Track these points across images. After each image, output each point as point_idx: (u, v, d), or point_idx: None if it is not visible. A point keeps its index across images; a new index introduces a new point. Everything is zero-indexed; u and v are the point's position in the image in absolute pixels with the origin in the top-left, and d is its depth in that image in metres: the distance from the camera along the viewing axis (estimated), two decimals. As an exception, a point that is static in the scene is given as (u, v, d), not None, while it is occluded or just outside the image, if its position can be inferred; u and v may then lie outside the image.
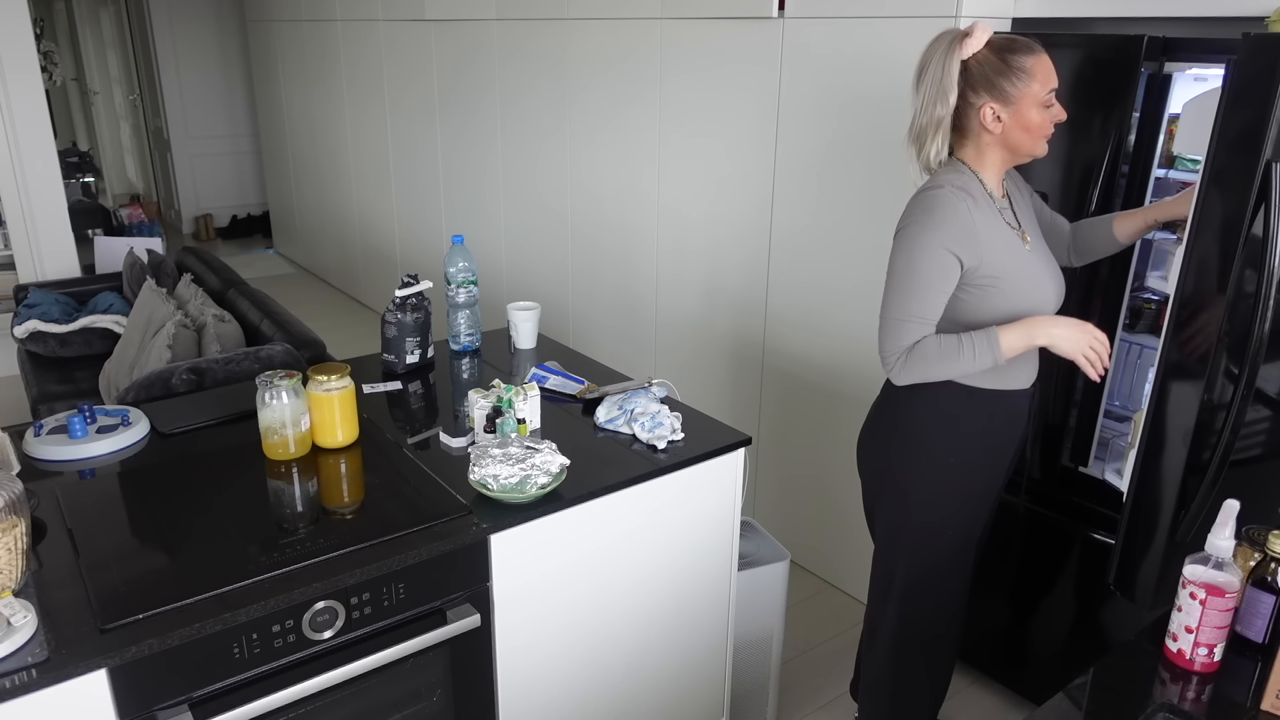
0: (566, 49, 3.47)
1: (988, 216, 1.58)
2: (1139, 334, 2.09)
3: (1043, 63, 1.53)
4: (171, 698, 1.29)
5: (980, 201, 1.58)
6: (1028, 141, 1.57)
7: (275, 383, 1.70)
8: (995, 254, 1.58)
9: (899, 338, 1.59)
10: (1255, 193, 1.66)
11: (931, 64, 1.55)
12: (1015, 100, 1.53)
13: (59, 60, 8.03)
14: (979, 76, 1.54)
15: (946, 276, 1.56)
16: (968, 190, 1.58)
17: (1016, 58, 1.52)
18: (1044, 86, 1.53)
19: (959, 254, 1.55)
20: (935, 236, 1.54)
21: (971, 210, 1.55)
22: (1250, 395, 1.76)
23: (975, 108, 1.55)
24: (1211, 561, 1.21)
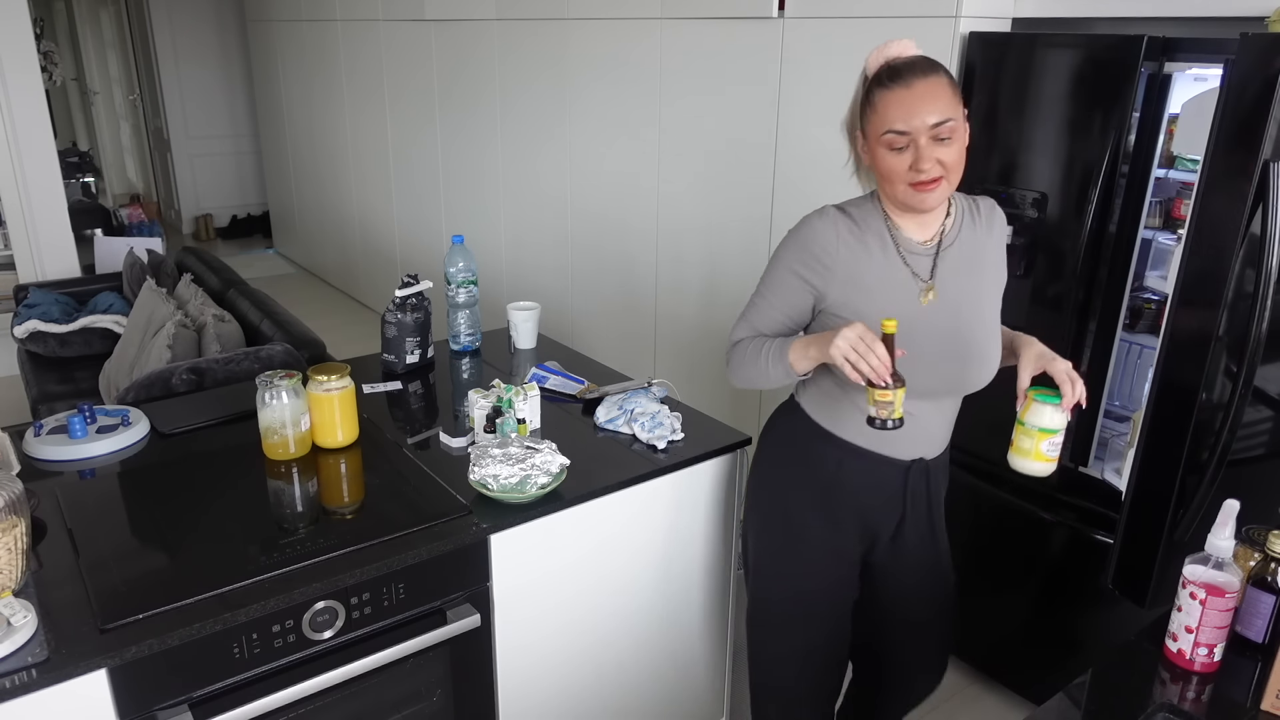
0: (566, 49, 3.47)
1: (869, 253, 1.42)
2: (1139, 334, 2.09)
3: (895, 97, 1.31)
4: (171, 698, 1.29)
5: (868, 235, 1.42)
6: (886, 186, 1.38)
7: (275, 383, 1.70)
8: (857, 295, 1.41)
9: (733, 333, 1.53)
10: (1253, 192, 1.66)
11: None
12: (868, 135, 1.36)
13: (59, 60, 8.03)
14: (854, 108, 1.40)
15: (788, 298, 1.46)
16: (856, 220, 1.43)
17: (875, 89, 1.34)
18: (883, 123, 1.32)
19: (808, 279, 1.43)
20: (788, 255, 1.45)
21: (841, 239, 1.41)
22: (1248, 394, 1.76)
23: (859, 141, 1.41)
24: (1211, 561, 1.21)
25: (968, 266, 1.47)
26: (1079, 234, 1.99)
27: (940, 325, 1.43)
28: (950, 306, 1.44)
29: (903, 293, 1.43)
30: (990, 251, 1.51)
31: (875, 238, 1.42)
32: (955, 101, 1.33)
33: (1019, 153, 2.09)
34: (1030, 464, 1.41)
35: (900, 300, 1.42)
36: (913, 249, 1.43)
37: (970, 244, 1.48)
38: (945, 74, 1.33)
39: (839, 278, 1.41)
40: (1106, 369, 2.10)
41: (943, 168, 1.33)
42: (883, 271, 1.42)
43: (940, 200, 1.37)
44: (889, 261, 1.42)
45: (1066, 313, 2.05)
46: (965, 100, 2.24)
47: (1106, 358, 2.10)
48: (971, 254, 1.47)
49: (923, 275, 1.44)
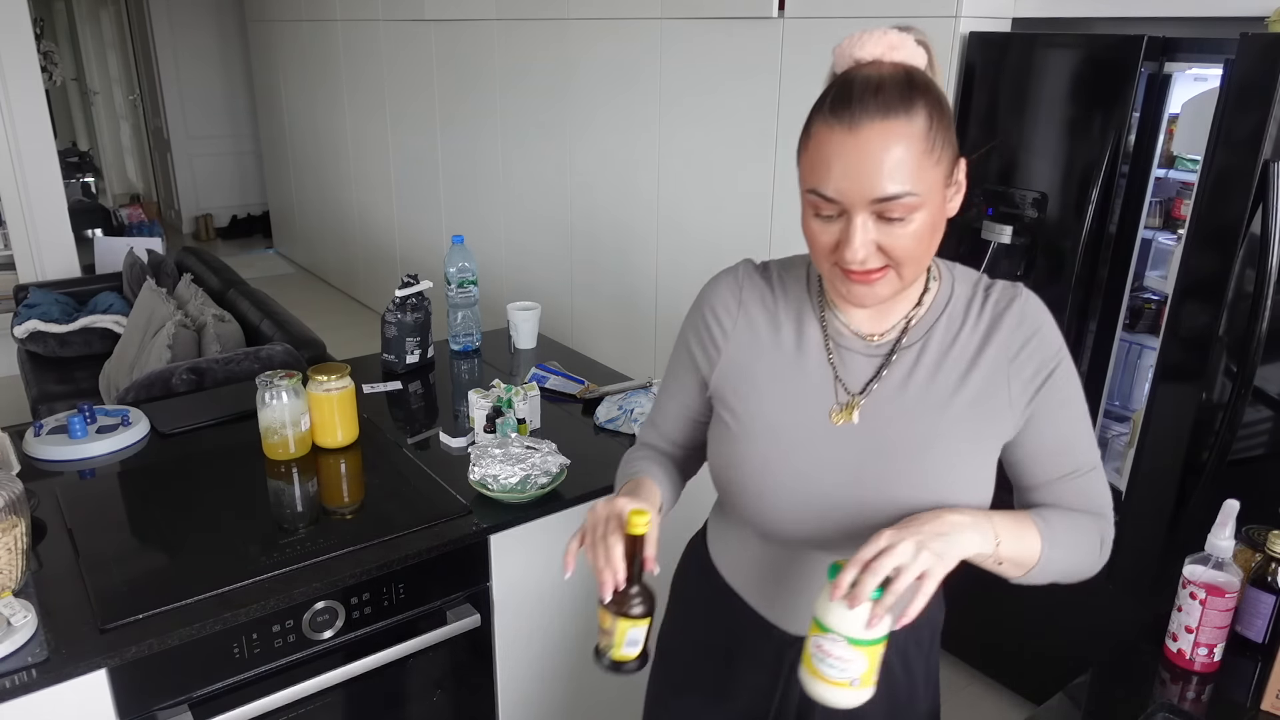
0: (566, 49, 3.47)
1: (776, 335, 1.02)
2: (1139, 333, 2.09)
3: (833, 141, 0.85)
4: (171, 697, 1.29)
5: (784, 309, 1.02)
6: (812, 256, 0.93)
7: (275, 383, 1.70)
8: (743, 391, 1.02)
9: (641, 431, 1.21)
10: (1254, 192, 1.66)
11: None
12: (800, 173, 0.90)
13: (59, 60, 8.03)
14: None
15: (681, 378, 1.11)
16: (775, 285, 1.04)
17: (815, 114, 0.88)
18: (808, 174, 0.88)
19: (695, 354, 1.07)
20: (688, 320, 1.09)
21: (743, 306, 1.03)
22: (1248, 394, 1.76)
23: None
24: (1211, 561, 1.21)
25: (931, 386, 0.96)
26: (1079, 234, 2.00)
27: (847, 461, 0.97)
28: (875, 440, 0.97)
29: (808, 401, 0.99)
30: (986, 372, 0.96)
31: (792, 316, 1.02)
32: (927, 159, 0.86)
33: (1019, 153, 2.10)
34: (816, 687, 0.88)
35: (801, 410, 0.99)
36: (849, 343, 0.99)
37: (953, 353, 0.97)
38: (924, 111, 0.86)
39: (726, 359, 1.04)
40: (1106, 369, 2.10)
41: (886, 257, 0.88)
42: (788, 365, 1.01)
43: (881, 298, 0.91)
44: (804, 354, 1.00)
45: (1066, 313, 2.05)
46: (963, 114, 2.26)
47: (1106, 357, 2.10)
48: (950, 368, 0.97)
49: (850, 384, 0.99)
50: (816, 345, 1.01)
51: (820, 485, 0.99)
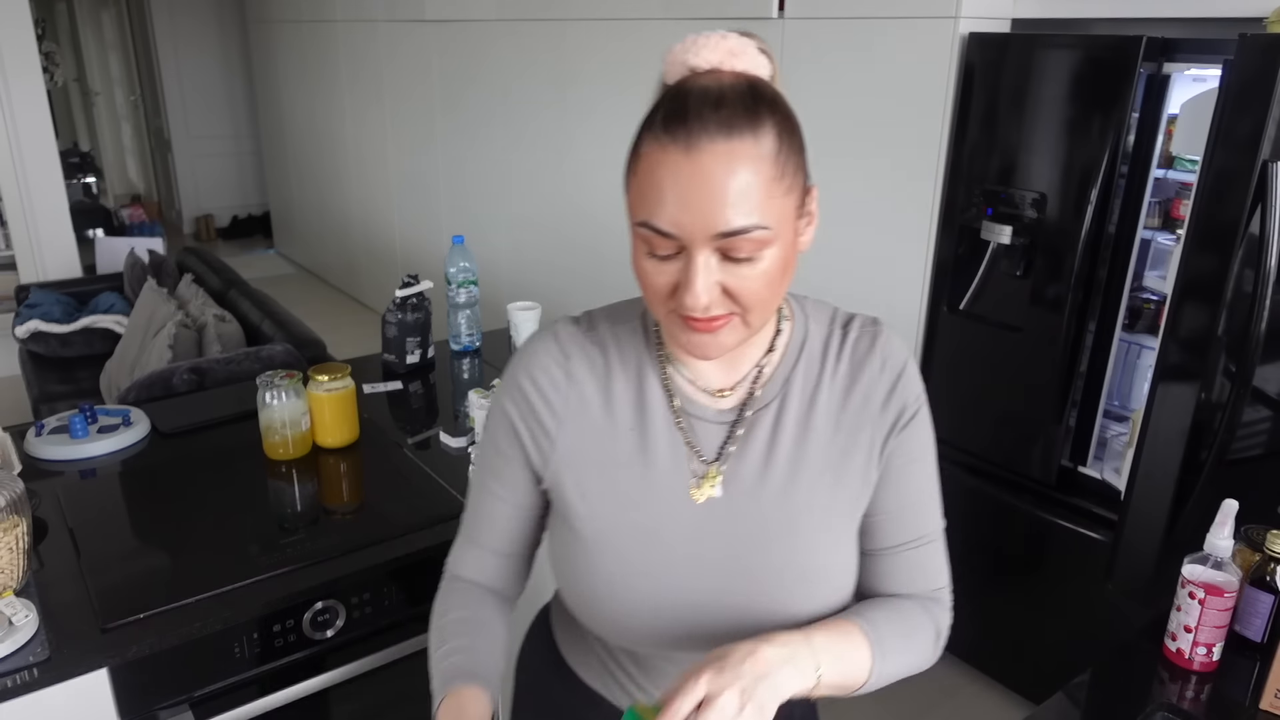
0: (567, 49, 3.47)
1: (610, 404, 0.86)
2: (1138, 333, 2.09)
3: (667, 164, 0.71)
4: (172, 697, 1.29)
5: (619, 370, 0.87)
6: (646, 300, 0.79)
7: (276, 383, 1.70)
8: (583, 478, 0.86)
9: (452, 554, 0.99)
10: (1252, 193, 1.67)
11: None
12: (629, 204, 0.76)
13: (60, 61, 8.03)
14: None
15: (505, 478, 0.91)
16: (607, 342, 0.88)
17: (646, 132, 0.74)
18: (638, 205, 0.74)
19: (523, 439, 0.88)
20: (498, 404, 0.90)
21: (572, 374, 0.86)
22: (1247, 394, 1.77)
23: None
24: (1210, 561, 1.22)
25: (799, 449, 0.85)
26: (1078, 234, 2.00)
27: (713, 550, 0.85)
28: (742, 519, 0.85)
29: (662, 484, 0.85)
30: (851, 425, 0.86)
31: (630, 379, 0.86)
32: (777, 185, 0.72)
33: (1018, 153, 2.10)
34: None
35: (655, 496, 0.85)
36: (697, 403, 0.86)
37: (818, 406, 0.86)
38: (772, 131, 0.72)
39: (562, 448, 0.86)
40: (1105, 368, 2.11)
41: (731, 302, 0.75)
42: (633, 443, 0.85)
43: (726, 348, 0.78)
44: (648, 424, 0.85)
45: (1066, 313, 2.06)
46: (963, 114, 2.27)
47: (1105, 357, 2.10)
48: (816, 425, 0.86)
49: (705, 452, 0.85)
50: (661, 411, 0.86)
51: (684, 584, 0.84)
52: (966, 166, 2.19)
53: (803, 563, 0.85)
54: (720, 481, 0.85)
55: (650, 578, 0.85)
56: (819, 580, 0.86)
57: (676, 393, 0.86)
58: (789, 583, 0.85)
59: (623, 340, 0.88)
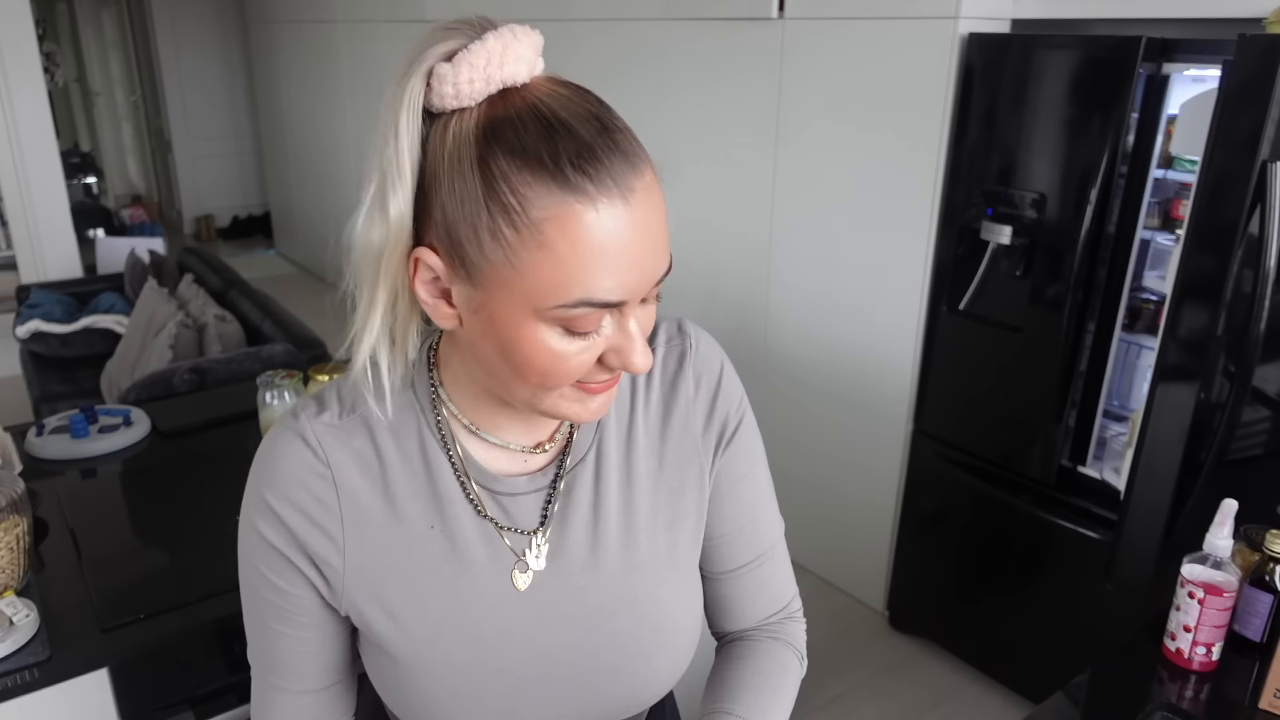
0: (567, 49, 3.47)
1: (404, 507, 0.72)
2: (1137, 334, 2.09)
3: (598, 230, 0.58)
4: (173, 697, 1.29)
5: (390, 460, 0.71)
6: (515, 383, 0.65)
7: (276, 382, 1.70)
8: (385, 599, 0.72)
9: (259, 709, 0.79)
10: (1251, 193, 1.67)
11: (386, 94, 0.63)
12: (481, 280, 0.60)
13: (61, 61, 8.03)
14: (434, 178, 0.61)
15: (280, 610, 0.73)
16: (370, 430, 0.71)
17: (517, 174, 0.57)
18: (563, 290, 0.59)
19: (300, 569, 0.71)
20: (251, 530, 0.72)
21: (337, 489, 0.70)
22: (1246, 394, 1.77)
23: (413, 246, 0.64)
24: (1210, 561, 1.22)
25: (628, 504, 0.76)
26: (1078, 234, 2.00)
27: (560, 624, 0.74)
28: (584, 586, 0.74)
29: (479, 580, 0.72)
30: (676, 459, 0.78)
31: (413, 468, 0.72)
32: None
33: (1018, 153, 2.10)
34: None
35: (476, 594, 0.72)
36: (499, 480, 0.73)
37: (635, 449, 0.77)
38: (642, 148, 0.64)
39: (350, 572, 0.71)
40: (1105, 368, 2.11)
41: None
42: (435, 542, 0.72)
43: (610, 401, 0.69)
44: (447, 514, 0.72)
45: (1065, 313, 2.06)
46: (963, 115, 2.27)
47: (1105, 357, 2.10)
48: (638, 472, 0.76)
49: (521, 529, 0.74)
50: (458, 498, 0.72)
51: (525, 680, 0.73)
52: (966, 166, 2.20)
53: (653, 622, 0.76)
54: (545, 556, 0.73)
55: (485, 685, 0.72)
56: (669, 632, 0.76)
57: (473, 471, 0.72)
58: (639, 645, 0.75)
59: (396, 421, 0.71)
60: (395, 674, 0.73)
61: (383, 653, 0.73)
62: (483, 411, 0.71)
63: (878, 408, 2.53)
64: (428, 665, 0.72)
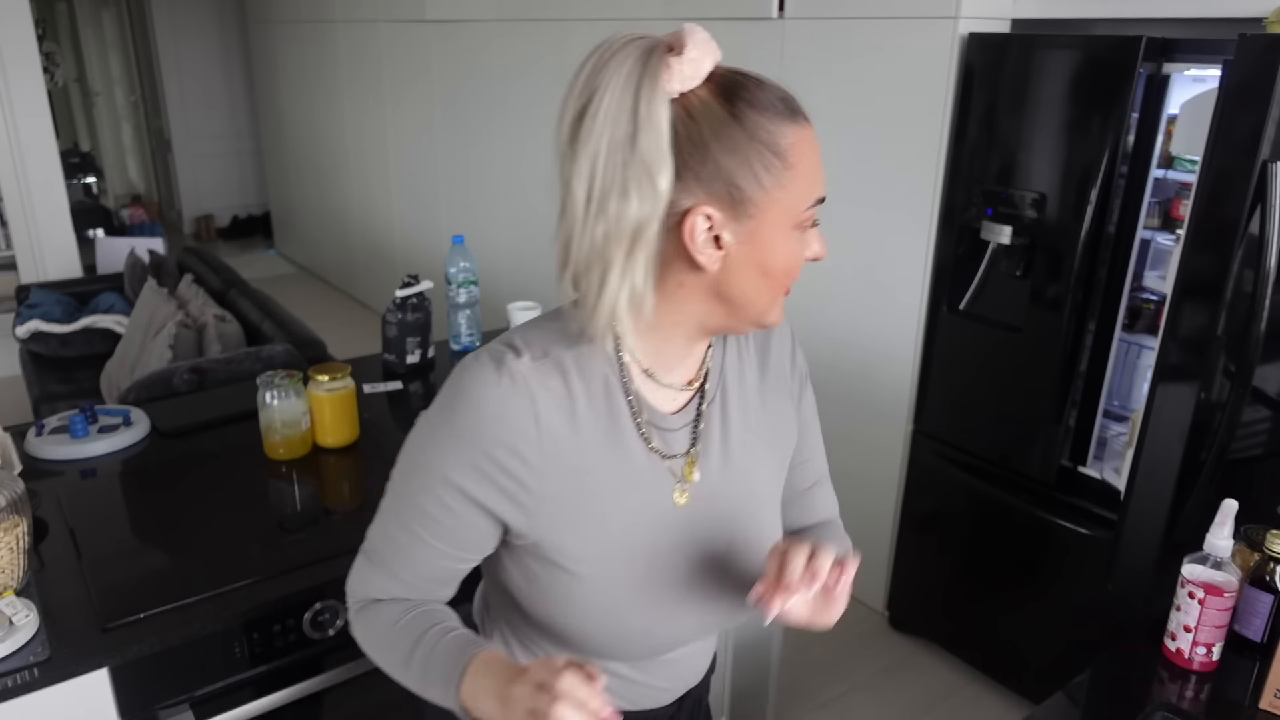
0: (567, 49, 3.47)
1: (596, 435, 0.82)
2: (1138, 334, 2.09)
3: (808, 145, 0.77)
4: (173, 697, 1.29)
5: (591, 400, 0.82)
6: (761, 294, 0.79)
7: (276, 383, 1.70)
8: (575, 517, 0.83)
9: (357, 575, 0.91)
10: (1252, 193, 1.67)
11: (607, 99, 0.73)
12: (760, 215, 0.75)
13: (61, 61, 8.03)
14: (691, 148, 0.73)
15: (446, 530, 0.83)
16: (569, 373, 0.81)
17: (777, 126, 0.75)
18: (805, 193, 0.77)
19: (499, 511, 0.82)
20: (441, 455, 0.81)
21: (538, 424, 0.79)
22: (1246, 394, 1.77)
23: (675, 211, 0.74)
24: (1210, 561, 1.22)
25: (747, 433, 0.91)
26: (1078, 234, 2.00)
27: (703, 536, 0.88)
28: (719, 505, 0.90)
29: (648, 504, 0.85)
30: (775, 394, 0.95)
31: (599, 405, 0.82)
32: None
33: (1018, 153, 2.10)
34: None
35: (644, 518, 0.85)
36: (658, 414, 0.86)
37: (746, 385, 0.92)
38: None
39: (542, 500, 0.81)
40: (1105, 368, 2.11)
41: None
42: (615, 472, 0.83)
43: None
44: (623, 447, 0.84)
45: (1065, 313, 2.06)
46: (963, 114, 2.27)
47: (1105, 357, 2.10)
48: (750, 405, 0.92)
49: (675, 456, 0.87)
50: (630, 428, 0.83)
51: (677, 589, 0.88)
52: (966, 166, 2.20)
53: (768, 535, 0.94)
54: (695, 478, 0.88)
55: (636, 599, 0.86)
56: (770, 542, 0.87)
57: (643, 408, 0.85)
58: (753, 556, 0.90)
59: (583, 362, 0.82)
60: (569, 588, 0.84)
61: (560, 570, 0.84)
62: (657, 355, 0.84)
63: (878, 407, 2.53)
64: (604, 576, 0.84)
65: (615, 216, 0.72)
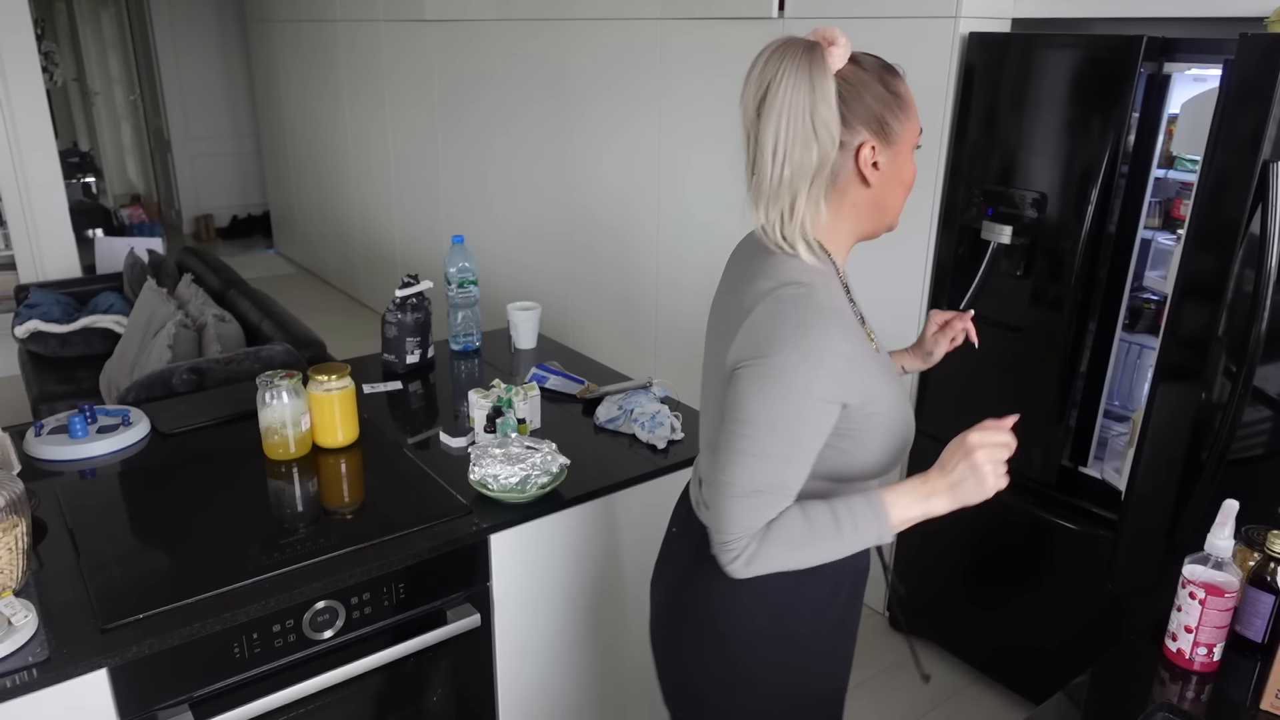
0: (566, 49, 3.47)
1: (854, 324, 1.10)
2: (1138, 334, 2.09)
3: (909, 90, 1.11)
4: (172, 697, 1.29)
5: (842, 301, 1.10)
6: (898, 201, 1.12)
7: (275, 383, 1.70)
8: (873, 378, 1.09)
9: (751, 515, 1.05)
10: (1253, 192, 1.66)
11: (784, 82, 1.03)
12: (899, 140, 1.08)
13: (60, 61, 8.03)
14: (855, 104, 1.05)
15: (822, 431, 1.06)
16: (830, 287, 1.09)
17: (896, 81, 1.08)
18: (916, 123, 1.11)
19: (844, 397, 1.05)
20: (815, 376, 1.02)
21: (849, 328, 1.07)
22: (1248, 394, 1.76)
23: (849, 149, 1.06)
24: (1211, 561, 1.21)
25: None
26: (1078, 234, 2.00)
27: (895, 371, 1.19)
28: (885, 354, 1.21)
29: (878, 354, 1.14)
30: None
31: (845, 304, 1.11)
32: None
33: (1018, 153, 2.10)
34: None
35: (882, 363, 1.14)
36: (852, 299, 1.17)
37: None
38: None
39: (863, 368, 1.07)
40: (1106, 369, 2.11)
41: None
42: (863, 338, 1.11)
43: None
44: (860, 328, 1.13)
45: (1066, 313, 2.05)
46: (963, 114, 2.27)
47: (1106, 357, 2.10)
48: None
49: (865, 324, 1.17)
50: (857, 320, 1.14)
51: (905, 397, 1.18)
52: (967, 166, 2.19)
53: None
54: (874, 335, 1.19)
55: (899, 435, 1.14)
56: None
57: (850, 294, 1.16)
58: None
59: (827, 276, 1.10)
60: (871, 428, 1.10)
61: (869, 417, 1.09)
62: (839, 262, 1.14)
63: (878, 408, 2.53)
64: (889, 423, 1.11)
65: (799, 162, 1.03)
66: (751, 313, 1.05)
